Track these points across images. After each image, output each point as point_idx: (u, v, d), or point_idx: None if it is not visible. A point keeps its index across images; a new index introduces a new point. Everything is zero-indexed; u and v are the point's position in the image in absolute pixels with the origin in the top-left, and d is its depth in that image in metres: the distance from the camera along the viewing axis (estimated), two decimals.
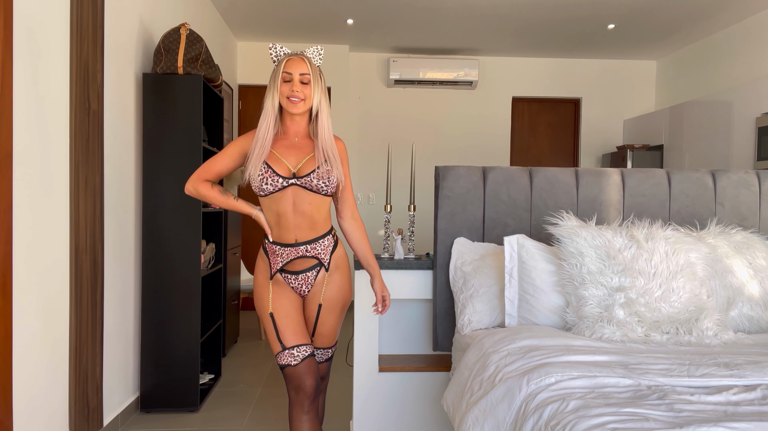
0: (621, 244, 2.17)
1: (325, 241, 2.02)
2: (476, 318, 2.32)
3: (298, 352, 1.95)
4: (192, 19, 4.14)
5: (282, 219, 1.95)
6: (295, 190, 1.93)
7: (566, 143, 6.53)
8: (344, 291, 2.08)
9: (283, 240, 1.98)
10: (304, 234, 1.97)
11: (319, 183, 1.93)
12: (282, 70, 1.92)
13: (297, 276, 2.02)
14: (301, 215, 1.95)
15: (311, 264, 2.01)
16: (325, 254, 2.02)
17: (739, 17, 4.88)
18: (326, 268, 2.03)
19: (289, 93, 1.92)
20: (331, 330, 2.08)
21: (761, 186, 2.72)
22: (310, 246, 1.98)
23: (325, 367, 2.13)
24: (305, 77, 1.93)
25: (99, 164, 2.61)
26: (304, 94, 1.92)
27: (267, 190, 1.92)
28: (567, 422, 1.41)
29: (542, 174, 2.64)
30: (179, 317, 3.19)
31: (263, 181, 1.91)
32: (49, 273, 2.36)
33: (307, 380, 1.94)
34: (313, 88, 1.93)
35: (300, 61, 1.94)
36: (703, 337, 2.02)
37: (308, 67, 1.93)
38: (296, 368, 1.94)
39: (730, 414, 1.41)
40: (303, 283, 2.03)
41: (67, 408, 2.53)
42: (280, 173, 1.92)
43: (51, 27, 2.34)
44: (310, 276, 2.02)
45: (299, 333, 1.98)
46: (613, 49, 5.96)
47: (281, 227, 1.96)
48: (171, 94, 3.16)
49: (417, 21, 5.15)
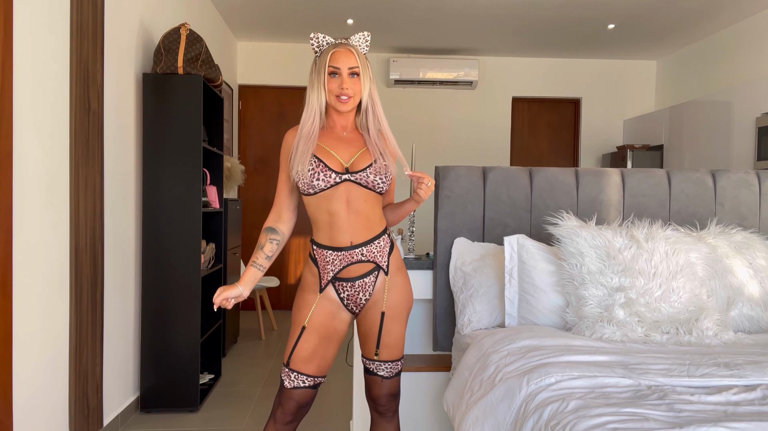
0: (621, 244, 2.17)
1: (382, 242, 1.83)
2: (476, 318, 2.32)
3: (296, 379, 1.83)
4: (192, 19, 4.14)
5: (335, 219, 1.76)
6: (349, 186, 1.75)
7: (566, 143, 6.53)
8: (408, 295, 1.90)
9: (336, 244, 1.78)
10: (360, 235, 1.78)
11: (375, 179, 1.76)
12: (328, 64, 1.73)
13: (354, 283, 1.81)
14: (356, 214, 1.77)
15: (368, 269, 1.82)
16: (382, 256, 1.83)
17: (739, 17, 4.88)
18: (386, 272, 1.84)
19: (338, 91, 1.74)
20: (397, 340, 1.88)
21: (761, 186, 2.72)
22: (366, 248, 1.79)
23: (396, 383, 1.93)
24: (355, 70, 1.75)
25: (99, 164, 2.61)
26: (353, 90, 1.75)
27: (318, 187, 1.73)
28: (567, 422, 1.40)
29: (542, 174, 2.64)
30: (179, 317, 3.19)
31: (314, 177, 1.72)
32: (49, 273, 2.36)
33: (292, 403, 1.84)
34: (363, 81, 1.76)
35: (348, 52, 1.74)
36: (703, 337, 2.01)
37: (357, 58, 1.74)
38: (287, 390, 1.84)
39: (730, 414, 1.41)
40: (360, 291, 1.82)
41: (67, 408, 2.53)
42: (332, 168, 1.74)
43: (51, 27, 2.34)
44: (368, 283, 1.82)
45: (311, 362, 1.83)
46: (613, 49, 5.96)
47: (334, 229, 1.77)
48: (171, 94, 3.16)
49: (417, 21, 5.15)
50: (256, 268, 1.85)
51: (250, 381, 3.81)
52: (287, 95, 6.01)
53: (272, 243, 1.86)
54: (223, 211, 3.96)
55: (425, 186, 1.76)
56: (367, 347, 1.90)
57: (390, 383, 1.91)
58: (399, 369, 1.92)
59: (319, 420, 3.15)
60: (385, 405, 1.93)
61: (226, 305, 1.80)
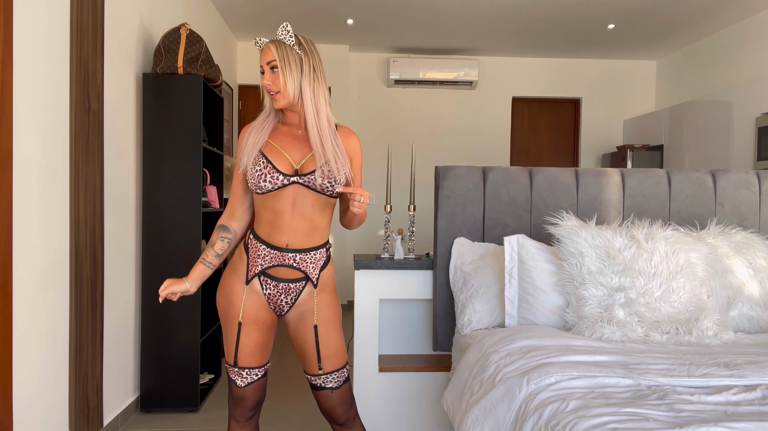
0: (621, 244, 2.17)
1: (318, 254, 1.77)
2: (476, 318, 2.32)
3: (248, 375, 1.80)
4: (192, 19, 4.14)
5: (277, 218, 1.72)
6: (297, 188, 1.71)
7: (566, 143, 6.53)
8: (336, 307, 1.85)
9: (272, 242, 1.74)
10: (298, 239, 1.74)
11: (323, 182, 1.69)
12: (259, 64, 1.73)
13: (278, 284, 1.76)
14: (300, 217, 1.73)
15: (297, 277, 1.77)
16: (314, 269, 1.78)
17: (739, 17, 4.88)
18: (314, 284, 1.79)
19: (266, 88, 1.72)
20: (337, 349, 1.82)
21: (761, 186, 2.72)
22: (300, 256, 1.74)
23: (347, 390, 1.85)
24: (273, 63, 1.69)
25: (99, 164, 2.61)
26: (276, 84, 1.69)
27: (265, 188, 1.69)
28: (567, 422, 1.40)
29: (542, 174, 2.64)
30: (179, 317, 3.19)
31: (261, 178, 1.69)
32: (49, 272, 2.36)
33: (249, 399, 1.82)
34: (285, 74, 1.68)
35: (266, 48, 1.71)
36: (703, 337, 2.01)
37: (274, 52, 1.68)
38: (241, 389, 1.81)
39: (730, 414, 1.41)
40: (284, 293, 1.77)
41: (67, 408, 2.53)
42: (281, 169, 1.70)
43: (51, 27, 2.34)
44: (293, 289, 1.78)
45: (257, 354, 1.80)
46: (613, 49, 5.96)
47: (274, 227, 1.73)
48: (171, 94, 3.16)
49: (417, 21, 5.15)
50: (206, 266, 1.83)
51: None
52: None
53: (223, 242, 1.83)
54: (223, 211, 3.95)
55: (357, 203, 1.67)
56: (308, 363, 1.83)
57: (340, 392, 1.84)
58: (346, 375, 1.86)
59: (319, 420, 3.15)
60: (342, 415, 1.85)
61: (172, 298, 1.80)
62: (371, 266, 2.67)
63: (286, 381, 3.81)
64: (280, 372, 4.00)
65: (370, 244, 6.20)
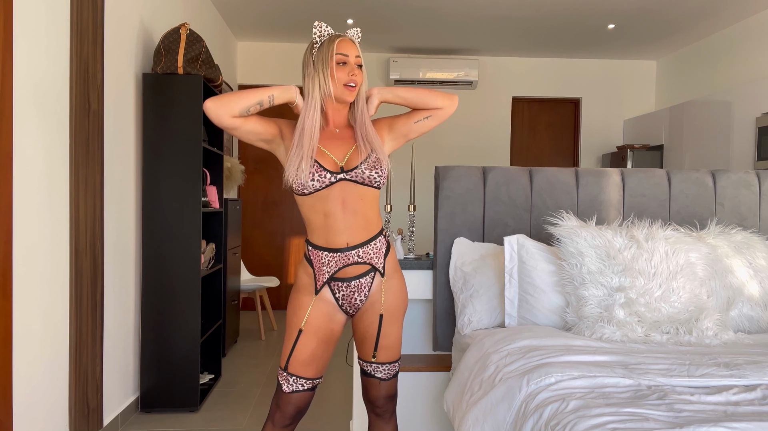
0: (621, 244, 2.17)
1: (378, 243, 1.80)
2: (476, 318, 2.32)
3: (294, 383, 1.80)
4: (192, 19, 4.14)
5: (330, 220, 1.73)
6: (345, 185, 1.72)
7: (566, 143, 6.53)
8: (404, 296, 1.88)
9: (331, 245, 1.75)
10: (357, 236, 1.75)
11: (371, 174, 1.72)
12: (336, 52, 1.70)
13: (350, 283, 1.78)
14: (353, 214, 1.74)
15: (364, 271, 1.79)
16: (378, 258, 1.80)
17: (739, 17, 4.88)
18: (382, 273, 1.81)
19: (347, 79, 1.71)
20: (395, 341, 1.86)
21: (761, 186, 2.72)
22: (362, 250, 1.76)
23: (394, 384, 1.91)
24: (359, 60, 1.74)
25: (99, 164, 2.61)
26: (360, 79, 1.73)
27: (313, 187, 1.69)
28: (567, 422, 1.40)
29: (542, 174, 2.64)
30: (179, 317, 3.19)
31: (310, 177, 1.68)
32: (49, 273, 2.36)
33: (291, 407, 1.82)
34: (363, 72, 1.76)
35: (352, 43, 1.74)
36: (703, 337, 2.01)
37: (359, 48, 1.75)
38: (285, 395, 1.82)
39: (730, 414, 1.41)
40: (356, 291, 1.79)
41: (67, 408, 2.53)
42: (327, 168, 1.70)
43: (51, 27, 2.34)
44: (364, 284, 1.80)
45: (310, 364, 1.80)
46: (613, 49, 5.96)
47: (330, 230, 1.74)
48: (171, 94, 3.16)
49: (417, 21, 5.15)
50: None
51: (250, 381, 3.81)
52: None
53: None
54: (223, 211, 3.96)
55: None
56: (364, 349, 1.88)
57: (388, 385, 1.89)
58: (396, 370, 1.91)
59: (319, 420, 3.15)
60: (382, 406, 1.92)
61: None
62: None
63: None
64: None
65: None
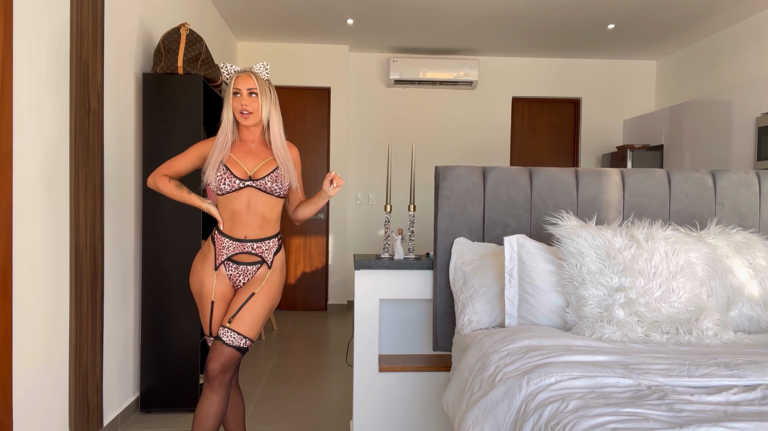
0: (621, 244, 2.17)
1: (271, 242, 2.22)
2: (476, 318, 2.32)
3: (227, 335, 2.11)
4: (192, 19, 4.14)
5: (236, 216, 2.17)
6: (251, 191, 2.15)
7: (566, 143, 6.53)
8: (278, 290, 2.24)
9: (233, 235, 2.18)
10: (254, 232, 2.18)
11: (273, 185, 2.16)
12: (233, 87, 2.15)
13: (238, 266, 2.21)
14: (254, 214, 2.17)
15: (253, 260, 2.21)
16: (269, 254, 2.22)
17: (739, 17, 4.88)
18: (269, 266, 2.22)
19: (239, 107, 2.14)
20: (254, 321, 2.14)
21: (761, 186, 2.72)
22: (256, 244, 2.19)
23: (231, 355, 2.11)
24: (253, 90, 2.15)
25: (99, 164, 2.61)
26: (252, 107, 2.14)
27: (224, 190, 2.14)
28: (567, 422, 1.41)
29: (542, 174, 2.64)
30: (179, 317, 3.19)
31: (221, 182, 2.13)
32: (49, 273, 2.36)
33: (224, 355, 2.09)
34: (261, 101, 2.15)
35: (247, 77, 2.15)
36: (703, 337, 2.01)
37: (255, 81, 2.15)
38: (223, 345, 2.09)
39: (730, 414, 1.41)
40: (243, 274, 2.22)
41: (67, 408, 2.53)
42: (237, 175, 2.14)
43: (51, 27, 2.34)
44: (250, 270, 2.22)
45: (223, 322, 2.16)
46: (613, 49, 5.96)
47: (234, 223, 2.17)
48: (171, 94, 3.16)
49: (417, 21, 5.15)
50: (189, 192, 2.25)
51: (250, 380, 3.81)
52: (287, 95, 6.01)
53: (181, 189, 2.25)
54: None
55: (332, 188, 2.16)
56: (227, 316, 2.16)
57: (226, 351, 2.09)
58: (241, 344, 2.11)
59: (319, 420, 3.15)
60: (213, 370, 2.07)
61: None
62: (371, 266, 2.67)
63: (287, 381, 3.81)
64: (281, 371, 4.00)
65: (370, 244, 6.20)
